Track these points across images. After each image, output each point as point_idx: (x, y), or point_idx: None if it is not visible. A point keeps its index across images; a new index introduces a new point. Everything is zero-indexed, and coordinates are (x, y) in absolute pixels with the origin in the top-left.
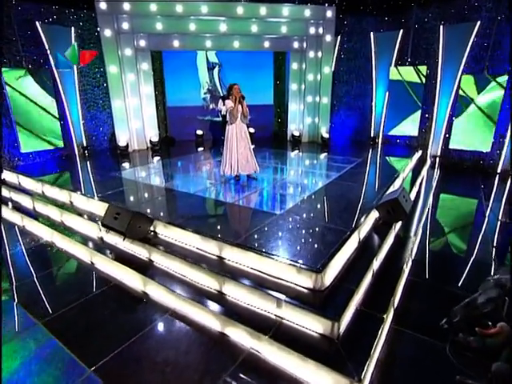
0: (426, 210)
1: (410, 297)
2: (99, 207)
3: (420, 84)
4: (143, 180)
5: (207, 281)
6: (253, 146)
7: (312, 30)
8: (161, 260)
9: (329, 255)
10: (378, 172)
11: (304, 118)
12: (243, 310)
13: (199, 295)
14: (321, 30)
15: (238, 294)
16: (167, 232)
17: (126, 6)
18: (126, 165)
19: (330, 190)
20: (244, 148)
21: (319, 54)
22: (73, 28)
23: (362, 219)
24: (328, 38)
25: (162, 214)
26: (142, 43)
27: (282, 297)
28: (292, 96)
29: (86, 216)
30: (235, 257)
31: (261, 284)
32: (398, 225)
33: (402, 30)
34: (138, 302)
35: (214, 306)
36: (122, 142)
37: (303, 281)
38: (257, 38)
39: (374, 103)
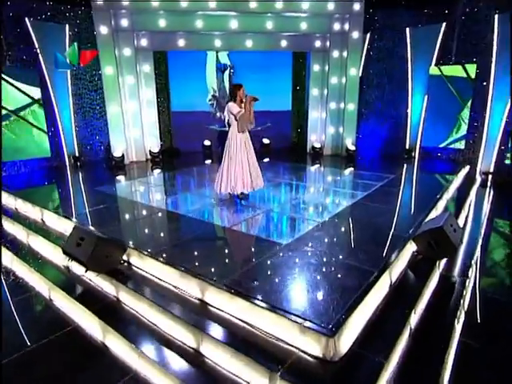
0: (480, 241)
1: (467, 371)
2: (69, 228)
3: (467, 85)
4: (131, 197)
5: (182, 334)
6: (267, 160)
7: (336, 27)
8: (129, 301)
9: (347, 307)
10: (416, 192)
11: (326, 127)
12: (224, 380)
13: (170, 354)
14: (347, 26)
15: (220, 357)
16: (142, 264)
17: (125, 1)
18: (118, 178)
19: (353, 214)
20: (255, 159)
21: (344, 53)
22: (67, 26)
23: (395, 254)
24: (355, 35)
25: (140, 239)
26: (144, 42)
27: (278, 367)
28: (313, 102)
29: (53, 239)
30: (220, 302)
31: (250, 344)
32: (444, 262)
33: (444, 24)
34: (94, 357)
35: (186, 370)
36: (117, 153)
37: (309, 346)
38: (273, 37)
39: (409, 110)
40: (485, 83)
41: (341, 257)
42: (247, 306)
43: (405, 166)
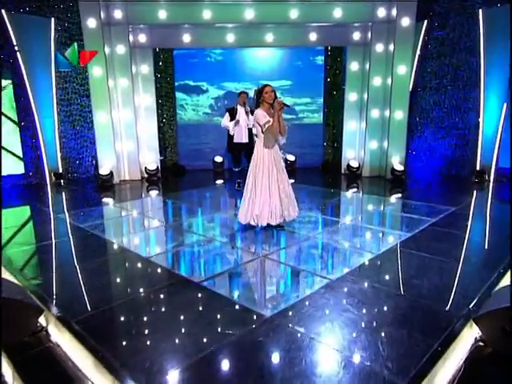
0: None
1: None
2: None
3: None
4: (98, 230)
5: None
6: (291, 181)
7: (381, 13)
8: None
9: None
10: (486, 237)
11: (366, 140)
12: None
13: None
14: (394, 12)
15: None
16: (59, 336)
17: None
18: (98, 202)
19: (383, 268)
20: (287, 182)
21: (391, 47)
22: (53, 19)
23: (440, 348)
24: (405, 22)
25: (67, 298)
26: (141, 38)
27: None
28: (349, 110)
29: None
30: None
31: None
32: None
33: None
34: None
35: None
36: (103, 170)
37: None
38: (299, 29)
39: (481, 119)
40: None
41: (348, 353)
42: None
43: (473, 194)
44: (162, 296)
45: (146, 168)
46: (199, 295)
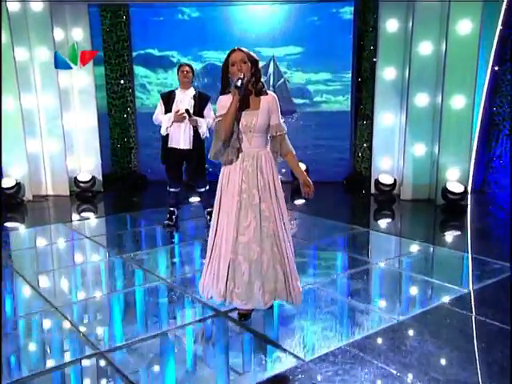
0: None
1: None
2: None
3: None
4: None
5: None
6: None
7: None
8: None
9: None
10: None
11: (406, 143)
12: None
13: None
14: None
15: None
16: None
17: None
18: None
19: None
20: (271, 223)
21: None
22: None
23: None
24: None
25: None
26: None
27: None
28: (383, 94)
29: None
30: None
31: None
32: None
33: None
34: None
35: None
36: (8, 181)
37: None
38: None
39: None
40: None
41: None
42: None
43: None
44: None
45: (75, 180)
46: None
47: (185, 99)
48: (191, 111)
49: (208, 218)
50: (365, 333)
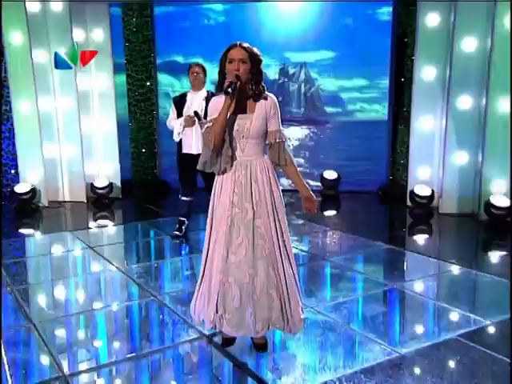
0: None
1: None
2: None
3: None
4: None
5: None
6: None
7: None
8: None
9: None
10: None
11: (446, 151)
12: None
13: None
14: None
15: None
16: None
17: None
18: None
19: None
20: (267, 242)
21: None
22: None
23: None
24: None
25: None
26: None
27: None
28: (422, 96)
29: None
30: None
31: None
32: None
33: None
34: None
35: None
36: (22, 186)
37: None
38: None
39: None
40: None
41: None
42: None
43: None
44: None
45: (92, 186)
46: None
47: (196, 101)
48: (202, 113)
49: None
50: (358, 366)
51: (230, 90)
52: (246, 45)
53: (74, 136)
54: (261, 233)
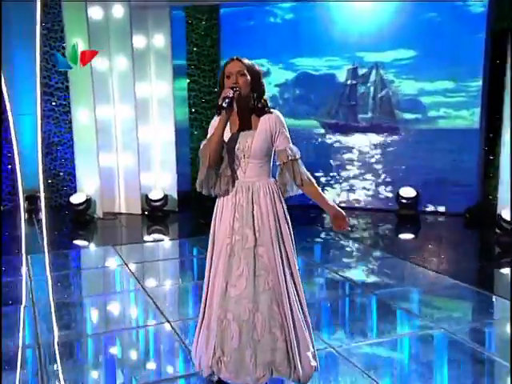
0: None
1: None
2: None
3: None
4: None
5: None
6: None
7: None
8: None
9: None
10: None
11: None
12: None
13: None
14: None
15: None
16: None
17: None
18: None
19: None
20: (270, 273)
21: None
22: None
23: None
24: None
25: None
26: None
27: None
28: None
29: None
30: None
31: None
32: None
33: None
34: None
35: None
36: (78, 196)
37: None
38: None
39: None
40: None
41: None
42: None
43: None
44: None
45: (147, 198)
46: None
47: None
48: None
49: None
50: None
51: (224, 104)
52: (244, 58)
53: (131, 145)
54: (263, 262)
